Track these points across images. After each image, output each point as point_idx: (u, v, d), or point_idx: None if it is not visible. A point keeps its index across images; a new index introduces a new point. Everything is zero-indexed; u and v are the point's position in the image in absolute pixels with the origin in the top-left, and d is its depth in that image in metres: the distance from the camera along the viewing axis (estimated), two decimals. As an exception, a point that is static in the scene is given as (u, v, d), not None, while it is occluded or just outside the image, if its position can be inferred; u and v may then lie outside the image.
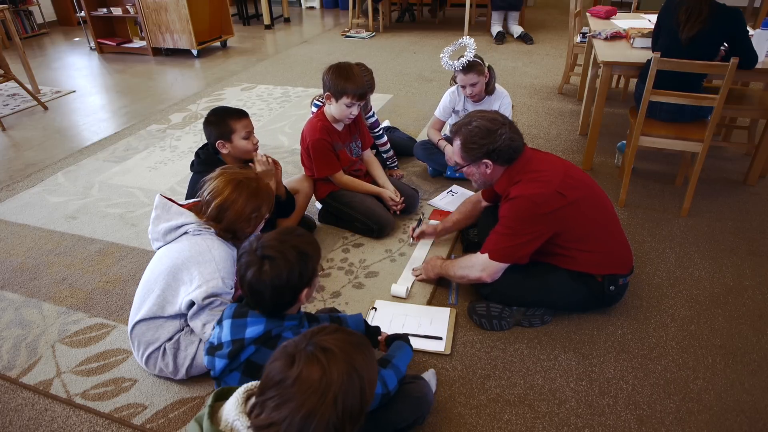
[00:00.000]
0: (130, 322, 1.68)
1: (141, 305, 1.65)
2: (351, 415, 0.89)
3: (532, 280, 1.85)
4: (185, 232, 1.65)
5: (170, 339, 1.65)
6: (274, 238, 1.30)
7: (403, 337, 1.63)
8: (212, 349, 1.36)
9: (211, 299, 1.56)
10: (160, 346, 1.65)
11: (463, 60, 2.56)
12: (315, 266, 1.34)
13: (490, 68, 2.65)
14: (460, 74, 2.62)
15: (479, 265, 1.84)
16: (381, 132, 2.87)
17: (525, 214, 1.74)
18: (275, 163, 2.12)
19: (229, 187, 1.63)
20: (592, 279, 1.83)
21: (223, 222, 1.65)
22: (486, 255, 1.81)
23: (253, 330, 1.30)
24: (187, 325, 1.65)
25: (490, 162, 1.81)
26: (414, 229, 2.33)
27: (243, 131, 2.01)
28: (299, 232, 1.35)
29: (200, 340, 1.65)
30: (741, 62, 2.22)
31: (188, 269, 1.59)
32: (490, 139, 1.77)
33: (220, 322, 1.38)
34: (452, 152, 1.92)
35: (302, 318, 1.39)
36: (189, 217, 1.67)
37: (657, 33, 2.61)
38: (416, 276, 2.16)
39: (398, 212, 2.49)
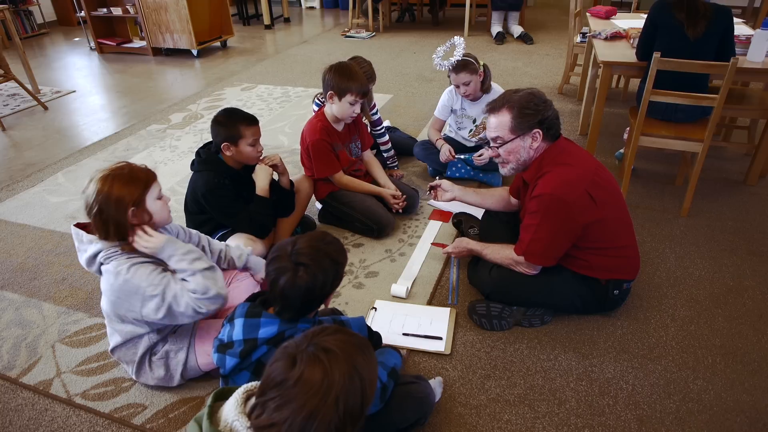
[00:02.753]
0: (110, 347, 1.65)
1: (111, 334, 1.63)
2: (352, 415, 0.89)
3: (534, 280, 1.83)
4: (101, 263, 1.53)
5: (148, 350, 1.62)
6: (307, 245, 1.29)
7: (389, 347, 1.59)
8: (222, 347, 1.35)
9: (167, 304, 1.47)
10: (143, 359, 1.63)
11: (452, 60, 2.56)
12: (342, 273, 1.36)
13: (485, 67, 2.65)
14: (452, 74, 2.62)
15: (522, 265, 1.82)
16: (383, 130, 2.87)
17: (556, 213, 1.68)
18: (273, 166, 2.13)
19: (96, 189, 1.44)
20: (596, 282, 1.81)
21: (111, 234, 1.47)
22: (522, 257, 1.79)
23: (266, 330, 1.30)
24: (163, 338, 1.63)
25: (540, 133, 1.71)
26: (430, 187, 2.22)
27: (251, 138, 2.00)
28: (330, 239, 1.35)
29: (189, 344, 1.65)
30: (727, 56, 2.24)
31: (123, 309, 1.53)
32: (544, 105, 1.71)
33: (230, 320, 1.37)
34: (494, 125, 1.77)
35: (315, 322, 1.38)
36: (98, 243, 1.52)
37: (651, 33, 2.54)
38: (444, 251, 2.13)
39: (400, 210, 2.49)
